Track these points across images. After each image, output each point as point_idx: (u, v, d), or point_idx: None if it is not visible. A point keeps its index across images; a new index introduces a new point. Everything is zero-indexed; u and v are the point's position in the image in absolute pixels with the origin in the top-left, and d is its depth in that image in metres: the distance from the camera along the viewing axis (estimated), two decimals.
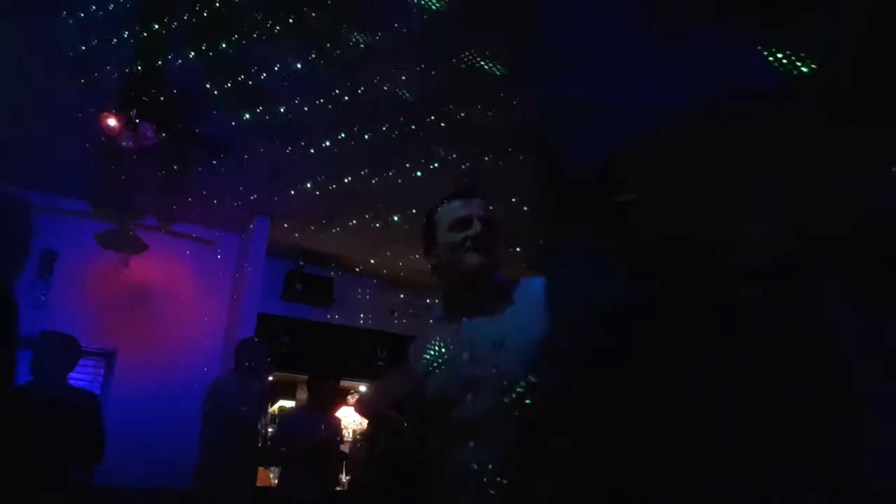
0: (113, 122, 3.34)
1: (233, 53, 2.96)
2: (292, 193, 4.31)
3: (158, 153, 3.71)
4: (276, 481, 3.91)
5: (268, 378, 3.72)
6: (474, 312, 1.46)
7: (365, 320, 5.78)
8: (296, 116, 3.42)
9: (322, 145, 3.72)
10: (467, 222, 1.47)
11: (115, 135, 3.36)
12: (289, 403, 5.54)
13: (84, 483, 3.18)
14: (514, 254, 4.94)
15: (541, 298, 1.43)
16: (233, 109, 3.43)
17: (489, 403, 1.32)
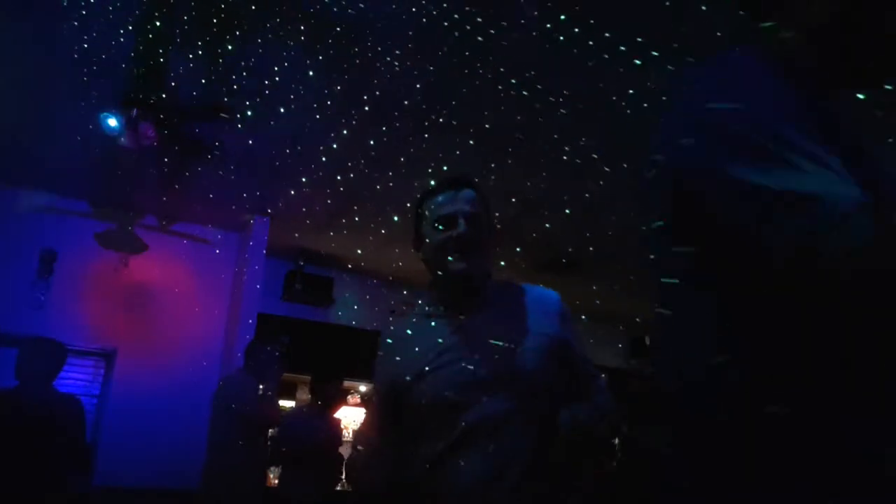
0: (113, 122, 3.34)
1: (233, 53, 2.95)
2: (292, 193, 4.31)
3: (158, 153, 3.71)
4: (277, 481, 3.91)
5: (278, 381, 3.71)
6: (476, 310, 1.37)
7: (365, 320, 5.78)
8: (296, 116, 3.42)
9: (322, 145, 3.71)
10: (452, 221, 1.35)
11: (116, 135, 3.36)
12: (289, 403, 5.53)
13: (82, 484, 3.17)
14: (515, 253, 4.95)
15: (544, 306, 1.43)
16: (233, 109, 3.43)
17: (506, 405, 1.24)
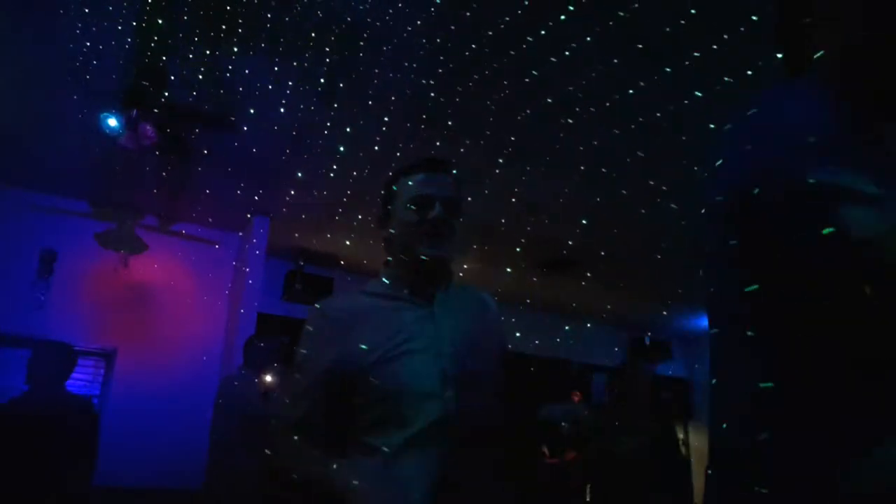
0: (113, 122, 3.34)
1: (234, 53, 2.96)
2: (292, 193, 4.31)
3: (158, 153, 3.71)
4: None
5: (280, 375, 3.68)
6: (441, 299, 1.31)
7: None
8: (296, 116, 3.42)
9: (322, 145, 3.71)
10: (429, 202, 1.27)
11: (116, 135, 3.36)
12: None
13: (84, 484, 3.19)
14: (515, 253, 4.94)
15: (489, 306, 1.42)
16: (233, 108, 3.43)
17: (471, 403, 1.20)
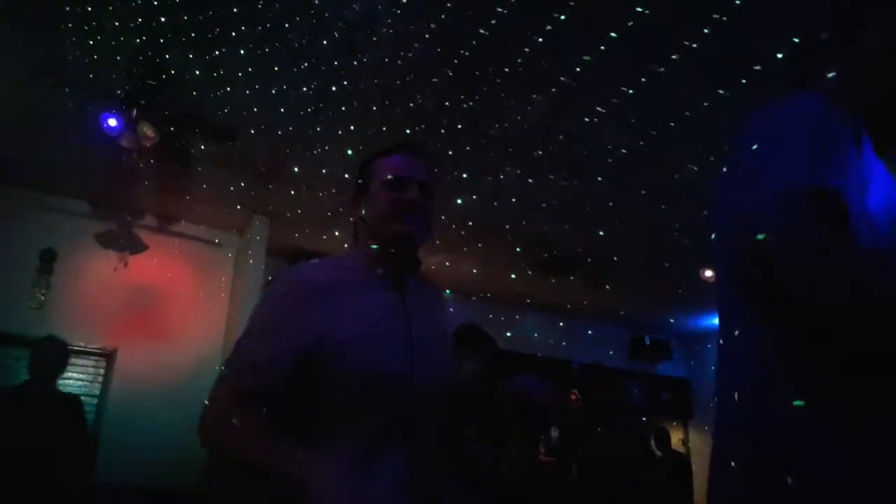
0: (113, 122, 3.34)
1: (233, 53, 2.96)
2: (292, 193, 4.31)
3: (158, 153, 3.71)
4: None
5: None
6: (412, 283, 1.30)
7: None
8: (296, 116, 3.42)
9: (322, 145, 3.71)
10: (405, 184, 1.27)
11: (116, 135, 3.36)
12: None
13: (83, 480, 3.26)
14: (515, 253, 4.94)
15: (449, 309, 1.42)
16: (233, 108, 3.43)
17: (432, 396, 1.20)
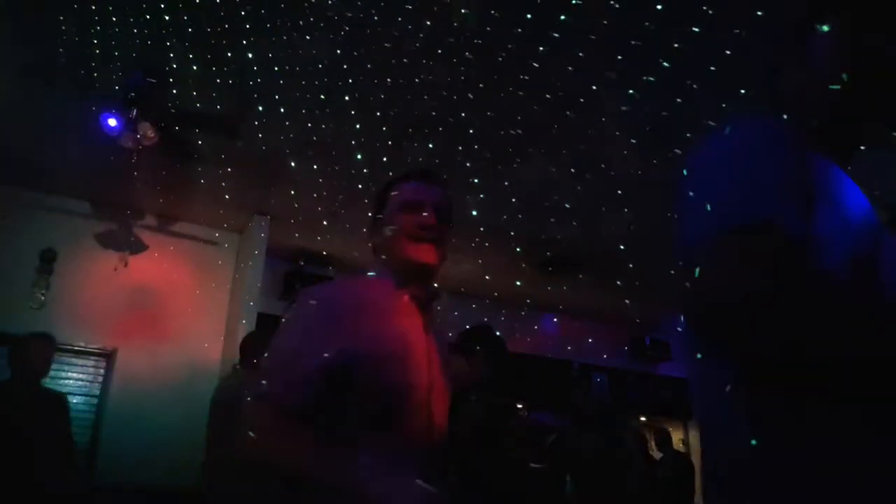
0: (113, 122, 3.34)
1: (234, 53, 2.95)
2: (292, 193, 4.31)
3: (158, 153, 3.71)
4: None
5: None
6: (432, 312, 1.33)
7: None
8: (297, 116, 3.42)
9: (322, 146, 3.71)
10: (421, 208, 1.29)
11: (116, 135, 3.36)
12: None
13: (73, 479, 3.30)
14: (515, 253, 4.94)
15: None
16: (233, 109, 3.43)
17: (440, 417, 1.24)
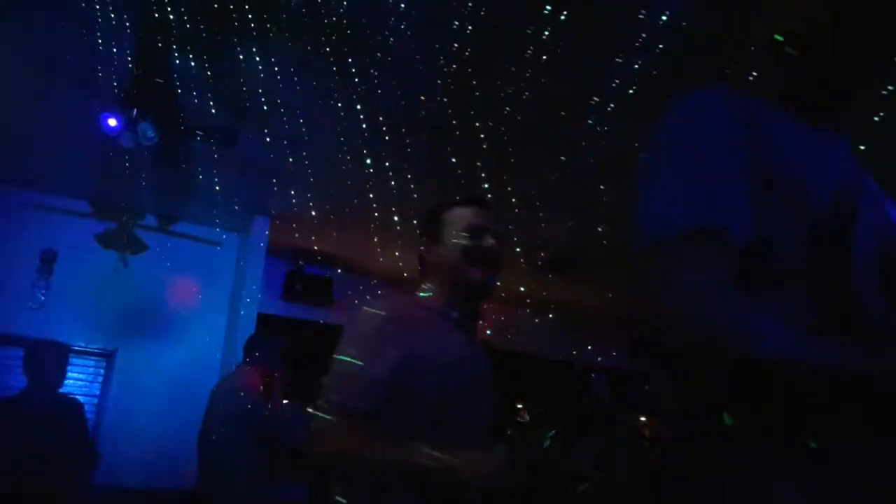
0: (113, 122, 3.33)
1: (233, 52, 2.95)
2: (292, 193, 4.31)
3: (158, 153, 3.71)
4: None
5: (281, 374, 3.65)
6: (474, 331, 1.40)
7: None
8: (297, 116, 3.41)
9: (323, 146, 3.71)
10: (482, 233, 1.37)
11: (116, 135, 3.36)
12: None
13: (84, 484, 3.22)
14: (515, 253, 4.95)
15: None
16: (233, 109, 3.42)
17: (486, 429, 1.31)
